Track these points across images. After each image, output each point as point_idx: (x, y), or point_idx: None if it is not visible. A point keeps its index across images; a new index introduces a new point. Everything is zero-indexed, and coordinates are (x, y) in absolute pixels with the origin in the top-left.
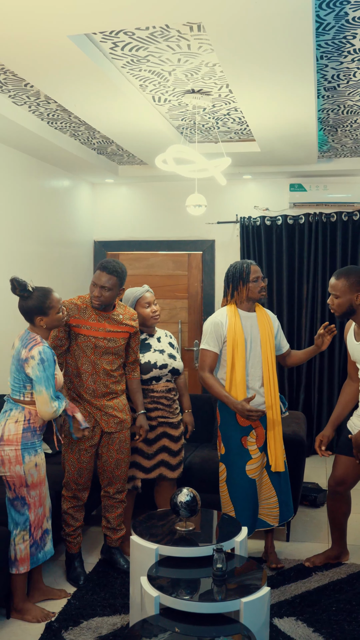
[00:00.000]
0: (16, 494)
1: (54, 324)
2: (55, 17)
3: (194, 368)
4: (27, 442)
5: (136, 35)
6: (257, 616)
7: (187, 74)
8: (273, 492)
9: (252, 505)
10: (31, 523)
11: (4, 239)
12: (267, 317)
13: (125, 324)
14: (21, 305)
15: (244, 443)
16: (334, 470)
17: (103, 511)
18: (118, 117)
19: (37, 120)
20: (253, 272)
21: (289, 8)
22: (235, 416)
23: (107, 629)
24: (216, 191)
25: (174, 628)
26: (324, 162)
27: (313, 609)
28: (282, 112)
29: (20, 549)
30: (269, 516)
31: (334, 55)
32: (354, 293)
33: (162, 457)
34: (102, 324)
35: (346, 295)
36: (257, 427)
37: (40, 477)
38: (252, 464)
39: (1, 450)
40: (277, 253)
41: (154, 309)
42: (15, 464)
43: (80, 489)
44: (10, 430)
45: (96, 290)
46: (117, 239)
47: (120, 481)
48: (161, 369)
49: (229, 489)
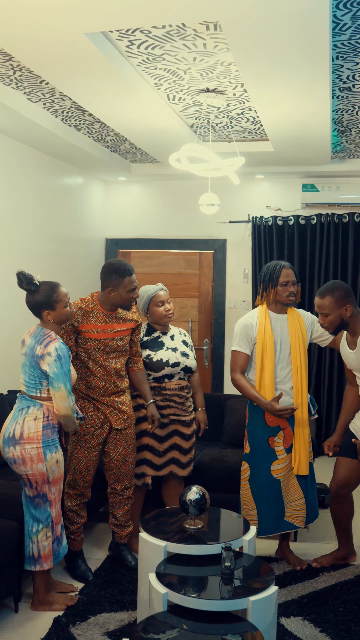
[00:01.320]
0: (37, 491)
1: (62, 319)
2: (73, 15)
3: (204, 367)
4: (48, 439)
5: (152, 34)
6: (265, 615)
7: (202, 72)
8: (301, 494)
9: (277, 505)
10: (53, 519)
11: (16, 236)
12: (299, 319)
13: (129, 320)
14: (28, 300)
15: (270, 443)
16: (336, 473)
17: (110, 508)
18: (132, 115)
19: (52, 118)
20: (283, 276)
21: (306, 8)
22: (264, 416)
23: (115, 625)
24: (228, 190)
25: (181, 625)
26: (337, 163)
27: (320, 609)
28: (297, 112)
29: (43, 545)
30: (296, 518)
31: (349, 55)
32: (343, 306)
33: (173, 454)
34: (110, 324)
35: (335, 311)
36: (285, 428)
37: (61, 473)
38: (278, 464)
39: (22, 448)
40: (288, 253)
41: (168, 308)
42: (38, 461)
43: (86, 486)
44: (30, 428)
45: (136, 292)
46: (129, 236)
47: (128, 477)
48: (173, 367)
49: (251, 488)
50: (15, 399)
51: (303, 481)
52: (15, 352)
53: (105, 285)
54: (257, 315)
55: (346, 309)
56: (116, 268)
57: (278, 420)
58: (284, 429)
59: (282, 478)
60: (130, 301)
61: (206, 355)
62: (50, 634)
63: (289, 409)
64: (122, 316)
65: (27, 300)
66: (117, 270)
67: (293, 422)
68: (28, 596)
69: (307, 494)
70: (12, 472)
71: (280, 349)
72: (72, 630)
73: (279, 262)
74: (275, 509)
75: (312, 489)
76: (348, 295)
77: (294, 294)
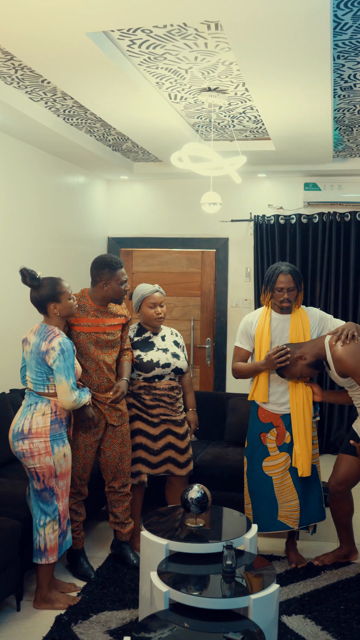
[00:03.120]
0: (45, 485)
1: (67, 311)
2: (74, 15)
3: (206, 365)
4: (55, 433)
5: (154, 33)
6: (266, 613)
7: (204, 72)
8: (295, 495)
9: (268, 502)
10: (60, 513)
11: (18, 235)
12: (303, 319)
13: (120, 315)
14: (33, 296)
15: (262, 439)
16: (336, 470)
17: (110, 507)
18: (134, 114)
19: (54, 117)
20: (279, 282)
21: (307, 7)
22: (257, 411)
23: (117, 623)
24: (230, 189)
25: (183, 623)
26: (339, 162)
27: (321, 607)
28: (298, 111)
29: (50, 539)
30: (289, 519)
31: (350, 55)
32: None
33: (168, 453)
34: (101, 319)
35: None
36: (278, 426)
37: (68, 467)
38: (270, 461)
39: (30, 443)
40: (290, 252)
41: (159, 311)
42: (45, 455)
43: (83, 484)
44: (38, 423)
45: (126, 285)
46: (131, 235)
47: (125, 475)
48: (164, 367)
49: (248, 482)
50: (17, 397)
51: (302, 483)
52: (18, 351)
53: (98, 280)
54: (259, 313)
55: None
56: (107, 262)
57: (271, 417)
58: (277, 427)
59: (275, 476)
60: (122, 294)
61: (208, 354)
62: (52, 632)
63: (281, 349)
64: (112, 311)
65: (32, 296)
66: (109, 264)
67: (289, 423)
68: (30, 594)
69: (306, 496)
70: (15, 471)
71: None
72: (74, 628)
73: (280, 266)
74: (266, 505)
75: (314, 491)
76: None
77: (289, 300)
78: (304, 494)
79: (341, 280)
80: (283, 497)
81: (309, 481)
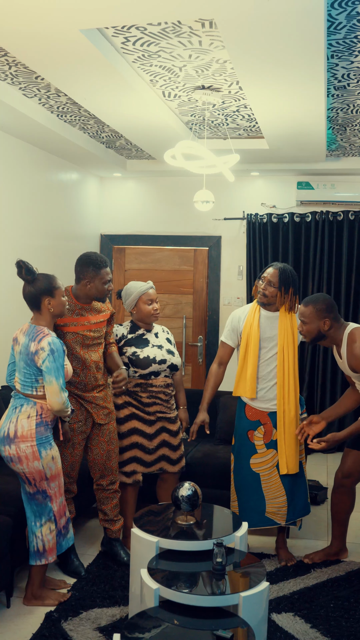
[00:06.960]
0: (37, 488)
1: (60, 309)
2: (68, 11)
3: (198, 363)
4: (42, 436)
5: (148, 31)
6: (256, 611)
7: (198, 70)
8: (282, 492)
9: (255, 499)
10: (55, 513)
11: (11, 232)
12: (292, 317)
13: (103, 311)
14: (28, 290)
15: (250, 437)
16: (343, 463)
17: (99, 504)
18: (127, 111)
19: (47, 113)
20: (265, 272)
21: (301, 7)
22: (244, 409)
23: (107, 620)
24: (223, 187)
25: (172, 620)
26: (332, 161)
27: (311, 605)
28: (292, 110)
29: (48, 539)
30: (277, 515)
31: (344, 54)
32: (322, 319)
33: (162, 451)
34: (86, 317)
35: (314, 322)
36: (266, 424)
37: (58, 468)
38: (257, 458)
39: (17, 447)
40: (283, 251)
41: (155, 307)
42: (33, 460)
43: (72, 482)
44: (24, 427)
45: (110, 284)
46: (124, 233)
47: (113, 472)
48: (160, 364)
49: (234, 479)
50: (9, 395)
51: (288, 479)
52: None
53: (81, 278)
54: (248, 309)
55: (324, 322)
56: (92, 260)
57: (258, 415)
58: (265, 424)
59: (262, 473)
60: (105, 293)
61: (200, 352)
62: (42, 629)
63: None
64: (96, 308)
65: (26, 291)
66: (94, 263)
67: (275, 420)
68: (20, 591)
69: (293, 492)
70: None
71: (268, 346)
72: (64, 625)
73: (276, 263)
74: (254, 502)
75: (300, 486)
76: (329, 310)
77: (265, 295)
78: (291, 489)
79: (333, 279)
80: (271, 494)
81: (296, 477)
